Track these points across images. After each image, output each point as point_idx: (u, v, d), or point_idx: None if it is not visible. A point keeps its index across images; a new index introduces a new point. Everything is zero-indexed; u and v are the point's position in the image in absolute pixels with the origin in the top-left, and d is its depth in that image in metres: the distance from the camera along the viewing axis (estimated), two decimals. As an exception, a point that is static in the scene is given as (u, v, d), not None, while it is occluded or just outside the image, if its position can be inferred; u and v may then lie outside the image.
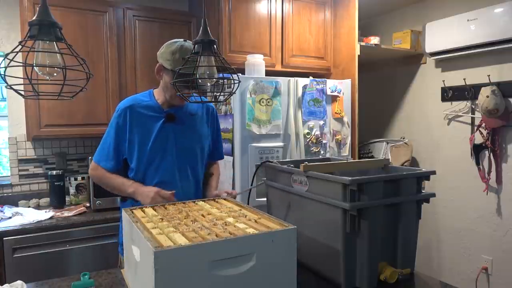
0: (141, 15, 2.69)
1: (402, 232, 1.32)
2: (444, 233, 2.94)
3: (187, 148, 1.64)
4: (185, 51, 1.48)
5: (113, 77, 2.61)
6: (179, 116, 1.63)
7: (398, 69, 3.27)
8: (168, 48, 1.51)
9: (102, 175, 1.60)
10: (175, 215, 1.21)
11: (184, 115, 1.65)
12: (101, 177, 1.60)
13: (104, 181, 1.60)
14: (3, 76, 0.95)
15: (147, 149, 1.57)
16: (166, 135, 1.60)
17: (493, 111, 2.43)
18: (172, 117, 1.61)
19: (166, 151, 1.60)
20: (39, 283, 1.31)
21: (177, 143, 1.62)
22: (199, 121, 1.70)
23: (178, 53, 1.48)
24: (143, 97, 1.65)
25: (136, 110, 1.58)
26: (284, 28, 2.77)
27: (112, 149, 1.58)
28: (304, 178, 1.38)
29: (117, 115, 1.58)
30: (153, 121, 1.59)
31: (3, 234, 2.09)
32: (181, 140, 1.63)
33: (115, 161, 1.59)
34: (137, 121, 1.58)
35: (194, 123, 1.68)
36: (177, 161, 1.62)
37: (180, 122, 1.63)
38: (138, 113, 1.58)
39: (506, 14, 2.36)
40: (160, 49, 1.55)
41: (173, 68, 1.48)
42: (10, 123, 2.68)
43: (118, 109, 1.60)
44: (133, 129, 1.57)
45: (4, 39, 2.63)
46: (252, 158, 2.32)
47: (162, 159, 1.60)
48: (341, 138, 2.68)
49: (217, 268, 0.95)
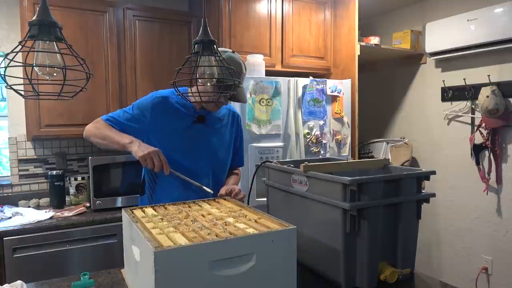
0: (141, 15, 2.69)
1: (402, 232, 1.32)
2: (444, 233, 2.94)
3: (212, 152, 1.64)
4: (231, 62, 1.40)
5: (113, 77, 2.61)
6: (208, 119, 1.63)
7: (398, 69, 3.27)
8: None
9: (102, 125, 1.55)
10: (175, 215, 1.21)
11: (214, 119, 1.65)
12: (100, 127, 1.55)
13: (101, 130, 1.54)
14: (3, 76, 0.95)
15: (171, 144, 1.56)
16: (193, 135, 1.60)
17: (493, 111, 2.43)
18: (202, 119, 1.61)
19: (191, 150, 1.59)
20: (39, 283, 1.31)
21: (203, 145, 1.61)
22: (225, 127, 1.70)
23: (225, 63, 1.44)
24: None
25: (170, 101, 1.58)
26: (284, 28, 2.77)
27: (131, 118, 1.56)
28: (304, 178, 1.38)
29: (151, 99, 1.57)
30: (184, 118, 1.59)
31: (3, 234, 2.09)
32: (207, 143, 1.62)
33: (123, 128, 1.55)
34: (169, 112, 1.57)
35: (221, 128, 1.68)
36: (199, 162, 1.60)
37: (209, 125, 1.63)
38: (171, 104, 1.58)
39: (506, 14, 2.36)
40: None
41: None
42: (10, 123, 2.68)
43: (154, 95, 1.59)
44: (161, 119, 1.56)
45: (4, 39, 2.63)
46: (252, 158, 2.32)
47: (185, 157, 1.58)
48: (341, 138, 2.68)
49: (217, 268, 0.95)
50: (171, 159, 1.53)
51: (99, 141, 1.56)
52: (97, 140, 1.57)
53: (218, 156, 1.67)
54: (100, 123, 1.56)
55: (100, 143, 1.57)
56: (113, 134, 1.52)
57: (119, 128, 1.55)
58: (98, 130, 1.55)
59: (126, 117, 1.57)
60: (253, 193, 1.84)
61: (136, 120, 1.56)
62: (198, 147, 1.60)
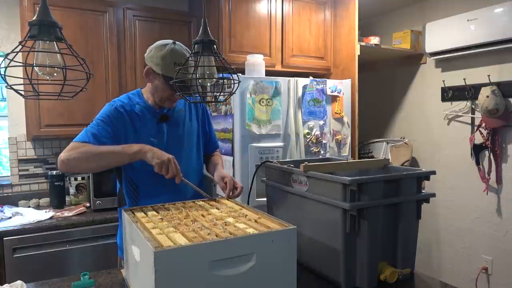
0: (141, 15, 2.69)
1: (402, 232, 1.32)
2: (444, 233, 2.94)
3: (184, 148, 1.61)
4: (175, 55, 1.43)
5: (113, 77, 2.62)
6: (171, 115, 1.59)
7: (398, 69, 3.27)
8: (158, 51, 1.44)
9: (88, 149, 1.35)
10: (175, 215, 1.21)
11: (177, 114, 1.62)
12: (87, 151, 1.34)
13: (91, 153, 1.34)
14: (3, 76, 0.95)
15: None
16: (161, 135, 1.56)
17: (493, 111, 2.43)
18: (166, 118, 1.57)
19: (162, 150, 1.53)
20: (39, 283, 1.31)
21: (174, 144, 1.58)
22: (189, 116, 1.66)
23: (169, 57, 1.42)
24: (134, 96, 1.58)
25: (130, 109, 1.52)
26: (284, 28, 2.77)
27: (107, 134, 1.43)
28: (304, 178, 1.38)
29: (113, 109, 1.48)
30: (147, 122, 1.54)
31: (3, 234, 2.09)
32: (177, 140, 1.59)
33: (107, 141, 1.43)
34: (134, 120, 1.51)
35: (185, 119, 1.64)
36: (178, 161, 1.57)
37: (174, 122, 1.60)
38: (133, 110, 1.52)
39: (506, 14, 2.36)
40: (148, 51, 1.48)
41: (164, 73, 1.43)
42: (10, 123, 2.68)
43: (113, 104, 1.50)
44: (130, 127, 1.50)
45: (4, 39, 2.63)
46: (252, 158, 2.32)
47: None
48: (341, 138, 2.68)
49: (217, 268, 0.95)
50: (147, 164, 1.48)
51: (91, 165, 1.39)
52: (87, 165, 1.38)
53: (192, 148, 1.64)
54: (83, 147, 1.36)
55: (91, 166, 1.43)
56: (110, 149, 1.38)
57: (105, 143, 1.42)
58: (85, 153, 1.35)
59: (102, 131, 1.43)
60: (253, 193, 1.84)
61: (110, 132, 1.46)
62: (171, 147, 1.56)
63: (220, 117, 2.51)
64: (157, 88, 1.51)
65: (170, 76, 1.40)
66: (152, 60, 1.46)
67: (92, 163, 1.37)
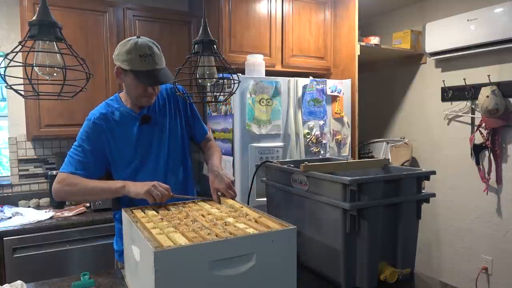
0: (141, 15, 2.69)
1: (402, 232, 1.32)
2: (444, 233, 2.94)
3: (170, 146, 1.58)
4: (139, 48, 1.39)
5: (113, 77, 2.61)
6: (152, 115, 1.56)
7: (398, 69, 3.27)
8: (122, 48, 1.42)
9: (79, 181, 1.40)
10: (175, 215, 1.21)
11: (156, 112, 1.58)
12: (78, 183, 1.39)
13: (82, 186, 1.39)
14: (3, 76, 0.95)
15: (130, 157, 1.50)
16: (145, 137, 1.53)
17: (493, 111, 2.43)
18: (147, 119, 1.54)
19: (151, 154, 1.54)
20: (39, 283, 1.31)
21: (160, 144, 1.55)
22: (168, 109, 1.61)
23: (134, 51, 1.39)
24: (113, 102, 1.56)
25: (110, 118, 1.50)
26: (284, 28, 2.77)
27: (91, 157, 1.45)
28: (304, 178, 1.38)
29: (91, 124, 1.47)
30: (129, 125, 1.51)
31: (3, 234, 2.09)
32: (161, 140, 1.56)
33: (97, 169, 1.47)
34: (114, 129, 1.49)
35: (166, 113, 1.60)
36: (163, 161, 1.55)
37: (155, 122, 1.56)
38: (113, 120, 1.50)
39: (506, 14, 2.36)
40: (114, 51, 1.46)
41: (132, 68, 1.40)
42: (10, 123, 2.68)
43: (91, 118, 1.49)
44: (110, 138, 1.49)
45: (4, 39, 2.63)
46: (252, 158, 2.32)
47: (146, 162, 1.53)
48: (341, 138, 2.68)
49: (217, 268, 0.95)
50: (135, 168, 1.50)
51: (79, 198, 1.44)
52: (77, 198, 1.46)
53: (178, 145, 1.61)
54: (70, 179, 1.40)
55: (79, 200, 1.45)
56: (96, 184, 1.40)
57: (93, 169, 1.45)
58: (73, 187, 1.39)
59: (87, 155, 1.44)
60: (253, 193, 1.84)
61: (93, 150, 1.46)
62: (156, 147, 1.54)
63: (220, 117, 2.51)
64: (130, 86, 1.48)
65: (138, 69, 1.39)
66: (119, 58, 1.42)
67: (80, 197, 1.48)
